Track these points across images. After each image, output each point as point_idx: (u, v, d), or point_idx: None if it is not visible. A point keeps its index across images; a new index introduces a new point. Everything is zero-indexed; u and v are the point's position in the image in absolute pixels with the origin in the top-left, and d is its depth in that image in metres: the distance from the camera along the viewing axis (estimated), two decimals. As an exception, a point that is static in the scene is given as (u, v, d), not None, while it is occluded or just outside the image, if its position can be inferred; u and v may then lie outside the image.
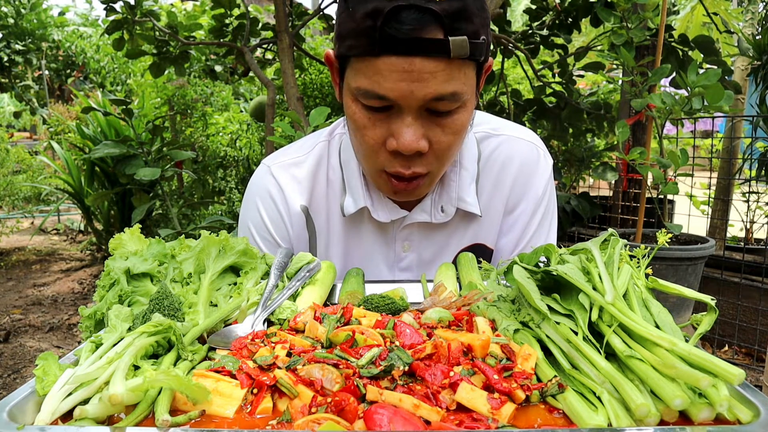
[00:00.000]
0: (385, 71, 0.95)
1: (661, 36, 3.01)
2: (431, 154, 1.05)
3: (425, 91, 0.95)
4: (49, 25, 9.42)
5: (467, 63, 0.98)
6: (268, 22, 4.07)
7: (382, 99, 0.98)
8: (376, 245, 1.28)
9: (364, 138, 1.05)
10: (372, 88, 0.97)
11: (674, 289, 0.79)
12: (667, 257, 2.81)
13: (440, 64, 0.94)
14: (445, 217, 1.24)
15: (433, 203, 1.24)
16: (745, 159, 3.89)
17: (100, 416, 0.64)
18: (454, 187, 1.23)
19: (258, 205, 1.30)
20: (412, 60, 0.93)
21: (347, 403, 0.61)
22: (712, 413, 0.61)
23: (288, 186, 1.28)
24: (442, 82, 0.95)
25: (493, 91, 4.51)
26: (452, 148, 1.07)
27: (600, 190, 4.98)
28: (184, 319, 0.83)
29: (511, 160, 1.28)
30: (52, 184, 6.82)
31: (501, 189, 1.29)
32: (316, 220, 1.30)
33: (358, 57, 0.98)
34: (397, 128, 1.00)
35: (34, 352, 3.83)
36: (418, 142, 1.00)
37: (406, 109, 0.99)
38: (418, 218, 1.25)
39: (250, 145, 5.37)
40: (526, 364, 0.70)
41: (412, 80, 0.94)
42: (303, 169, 1.29)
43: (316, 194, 1.29)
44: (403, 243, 1.28)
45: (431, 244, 1.28)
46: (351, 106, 1.05)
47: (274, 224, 1.29)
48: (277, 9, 3.04)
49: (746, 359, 3.50)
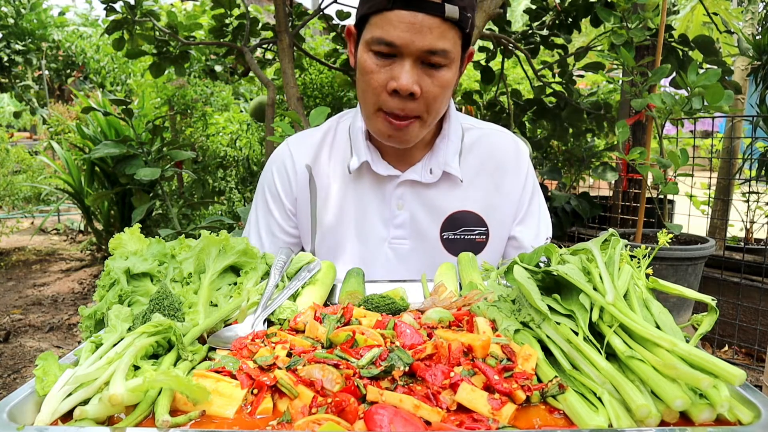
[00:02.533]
0: (395, 21, 1.22)
1: (661, 36, 3.01)
2: (421, 101, 1.29)
3: (423, 42, 1.22)
4: (49, 25, 9.41)
5: (456, 29, 1.25)
6: (268, 22, 4.07)
7: (389, 45, 1.23)
8: (374, 203, 1.49)
9: (370, 82, 1.29)
10: (383, 35, 1.24)
11: (674, 290, 0.79)
12: (667, 257, 2.81)
13: (437, 21, 1.21)
14: (433, 178, 1.46)
15: (423, 166, 1.47)
16: (745, 159, 3.89)
17: (100, 416, 0.64)
18: (442, 153, 1.46)
19: (272, 168, 1.58)
20: (416, 14, 1.20)
21: (347, 403, 0.61)
22: (712, 414, 0.61)
23: (297, 150, 1.55)
24: (437, 38, 1.22)
25: (493, 91, 4.51)
26: (437, 100, 1.31)
27: (600, 190, 4.98)
28: (184, 319, 0.83)
29: (493, 148, 1.53)
30: (52, 184, 6.82)
31: (485, 170, 1.51)
32: (318, 179, 1.52)
33: (376, 13, 1.25)
34: (397, 72, 1.25)
35: (34, 352, 3.83)
36: (413, 84, 1.25)
37: (407, 56, 1.24)
38: (410, 177, 1.46)
39: (250, 145, 5.37)
40: (527, 365, 0.70)
41: (414, 31, 1.21)
42: (313, 137, 1.56)
43: (320, 157, 1.53)
44: (398, 201, 1.48)
45: (422, 203, 1.48)
46: (363, 55, 1.30)
47: (281, 181, 1.54)
48: (277, 9, 3.04)
49: (746, 359, 3.50)
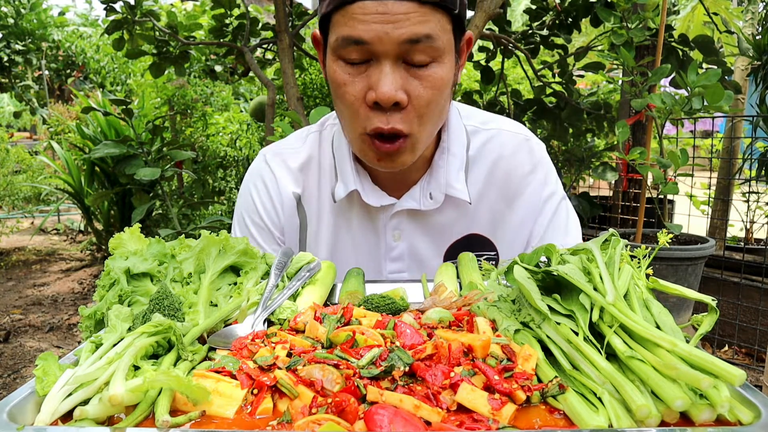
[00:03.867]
0: (359, 15, 0.98)
1: (661, 36, 3.01)
2: (411, 111, 1.05)
3: (400, 31, 0.98)
4: (49, 25, 9.41)
5: (441, 12, 1.01)
6: (268, 22, 4.07)
7: (358, 43, 1.00)
8: (367, 234, 1.28)
9: (345, 96, 1.06)
10: (348, 33, 1.00)
11: (675, 290, 0.79)
12: (667, 257, 2.81)
13: (412, 5, 0.98)
14: (434, 203, 1.23)
15: (422, 190, 1.24)
16: (745, 159, 3.89)
17: (100, 417, 0.64)
18: (442, 173, 1.22)
19: (251, 190, 1.34)
20: (385, 3, 0.97)
21: (348, 403, 0.61)
22: (713, 414, 0.60)
23: (281, 174, 1.32)
24: (417, 23, 0.98)
25: (493, 91, 4.51)
26: (432, 106, 1.07)
27: (600, 190, 4.98)
28: (184, 319, 0.83)
29: (503, 153, 1.29)
30: (52, 184, 6.81)
31: (494, 181, 1.28)
32: (307, 208, 1.31)
33: (337, 10, 1.02)
34: (375, 79, 1.02)
35: (34, 352, 3.83)
36: (396, 91, 1.01)
37: (383, 56, 1.01)
38: (407, 205, 1.24)
39: (250, 145, 5.37)
40: (527, 365, 0.70)
41: (386, 22, 0.97)
42: (296, 159, 1.32)
43: (308, 183, 1.31)
44: (394, 232, 1.27)
45: (423, 233, 1.27)
46: (332, 66, 1.07)
47: (265, 210, 1.32)
48: (277, 9, 3.03)
49: (746, 359, 3.50)
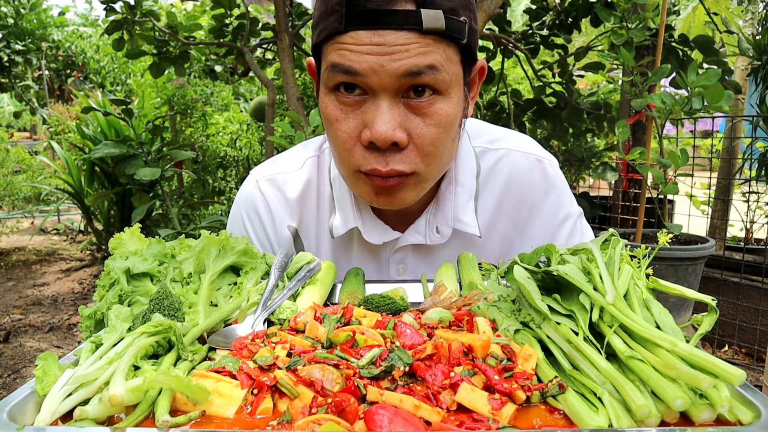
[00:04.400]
0: (352, 45, 0.89)
1: (661, 36, 3.01)
2: (413, 151, 0.95)
3: (397, 64, 0.87)
4: (48, 25, 9.42)
5: (447, 42, 0.90)
6: (268, 22, 4.07)
7: (350, 74, 0.90)
8: (369, 269, 1.18)
9: (337, 133, 0.97)
10: (340, 61, 0.90)
11: (675, 290, 0.79)
12: (667, 257, 2.81)
13: (413, 36, 0.87)
14: (441, 238, 1.15)
15: (428, 223, 1.15)
16: (745, 159, 3.89)
17: (100, 417, 0.64)
18: (450, 205, 1.14)
19: (244, 220, 1.24)
20: (381, 33, 0.87)
21: (348, 403, 0.61)
22: (713, 414, 0.60)
23: (276, 205, 1.22)
24: (417, 54, 0.88)
25: (493, 91, 4.51)
26: (437, 145, 0.96)
27: (600, 190, 4.98)
28: (184, 319, 0.83)
29: (514, 176, 1.19)
30: (52, 184, 6.82)
31: (506, 207, 1.20)
32: (305, 241, 1.23)
33: (328, 39, 0.92)
34: (370, 116, 0.92)
35: (34, 352, 3.83)
36: (393, 131, 0.91)
37: (380, 92, 0.91)
38: (412, 240, 1.16)
39: (250, 145, 5.37)
40: (527, 365, 0.70)
41: (381, 54, 0.88)
42: (292, 188, 1.22)
43: (305, 214, 1.22)
44: (398, 267, 1.20)
45: (428, 268, 1.18)
46: (324, 100, 0.98)
47: (260, 242, 1.23)
48: (277, 9, 3.03)
49: (746, 359, 3.50)
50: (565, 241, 1.24)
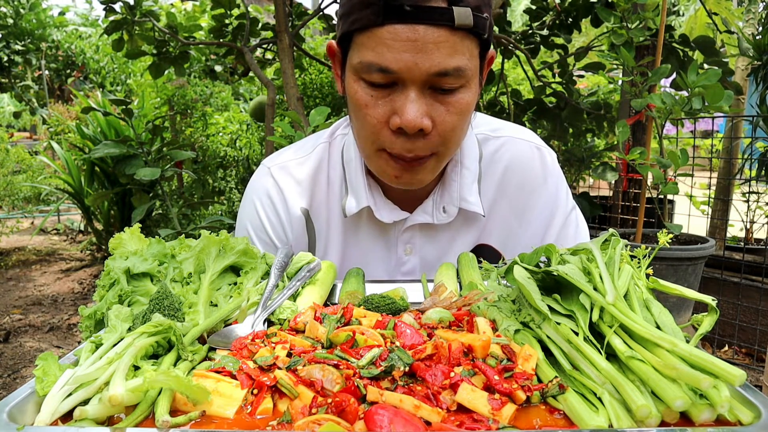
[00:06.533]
0: (389, 40, 0.94)
1: (661, 36, 3.01)
2: (435, 136, 1.03)
3: (429, 63, 0.94)
4: (48, 25, 9.41)
5: (471, 38, 0.97)
6: (268, 22, 4.06)
7: (385, 72, 0.96)
8: (377, 249, 1.26)
9: (366, 118, 1.02)
10: (376, 60, 0.96)
11: (675, 290, 0.79)
12: (667, 257, 2.81)
13: (444, 33, 0.93)
14: (448, 217, 1.22)
15: (435, 204, 1.22)
16: (745, 159, 3.89)
17: (100, 417, 0.63)
18: (455, 186, 1.20)
19: (257, 206, 1.29)
20: (416, 28, 0.92)
21: (348, 403, 0.61)
22: (713, 414, 0.60)
23: (288, 188, 1.27)
24: (446, 55, 0.94)
25: (493, 91, 4.51)
26: (456, 131, 1.04)
27: (600, 190, 4.97)
28: (184, 319, 0.83)
29: (514, 162, 1.26)
30: (52, 184, 6.82)
31: (506, 192, 1.26)
32: (316, 223, 1.27)
33: (362, 30, 0.97)
34: (400, 104, 0.98)
35: (34, 352, 3.83)
36: (421, 119, 0.98)
37: (410, 83, 0.97)
38: (420, 219, 1.22)
39: (250, 145, 5.37)
40: (527, 365, 0.70)
41: (416, 51, 0.93)
42: (303, 171, 1.27)
43: (316, 196, 1.27)
44: (405, 246, 1.25)
45: (434, 246, 1.25)
46: (353, 85, 1.02)
47: (273, 227, 1.28)
48: (277, 9, 3.03)
49: (746, 359, 3.50)
50: (559, 230, 1.30)
